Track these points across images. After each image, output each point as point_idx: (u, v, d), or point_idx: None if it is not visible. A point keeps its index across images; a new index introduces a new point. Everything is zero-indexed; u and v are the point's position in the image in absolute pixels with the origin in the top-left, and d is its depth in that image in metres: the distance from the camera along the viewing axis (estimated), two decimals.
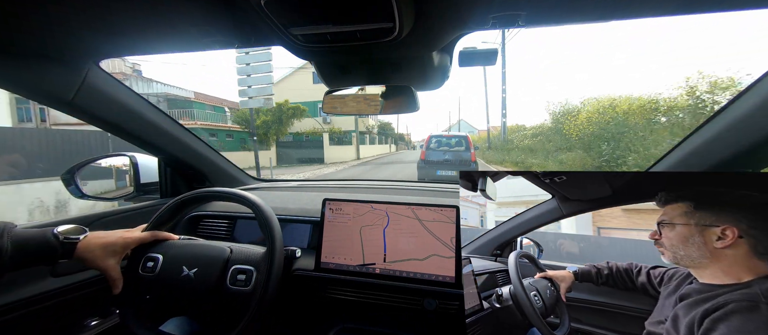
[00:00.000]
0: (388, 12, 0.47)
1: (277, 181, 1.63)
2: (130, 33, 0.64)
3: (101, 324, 0.91)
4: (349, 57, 0.69)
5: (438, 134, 7.98)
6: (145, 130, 1.02)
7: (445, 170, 7.07)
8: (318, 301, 0.94)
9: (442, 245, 0.83)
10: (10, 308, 0.76)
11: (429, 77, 0.80)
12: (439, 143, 7.61)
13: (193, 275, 0.75)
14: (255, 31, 0.61)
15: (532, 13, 0.54)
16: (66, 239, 0.68)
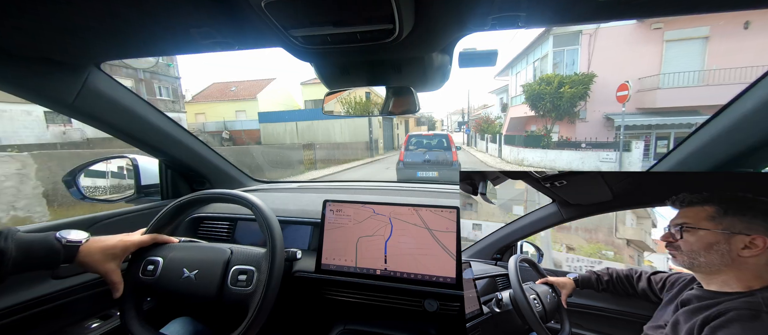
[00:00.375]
0: (388, 13, 0.47)
1: (277, 182, 1.63)
2: (130, 35, 0.64)
3: (102, 327, 0.92)
4: (349, 58, 0.69)
5: (417, 134, 7.76)
6: (145, 132, 1.03)
7: (425, 171, 6.88)
8: (319, 302, 0.94)
9: (442, 245, 0.83)
10: (11, 310, 0.76)
11: (429, 78, 0.80)
12: (418, 143, 7.37)
13: (194, 277, 0.75)
14: (255, 32, 0.61)
15: (531, 14, 0.53)
16: (68, 244, 0.68)
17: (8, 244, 0.61)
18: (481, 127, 22.76)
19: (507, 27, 0.57)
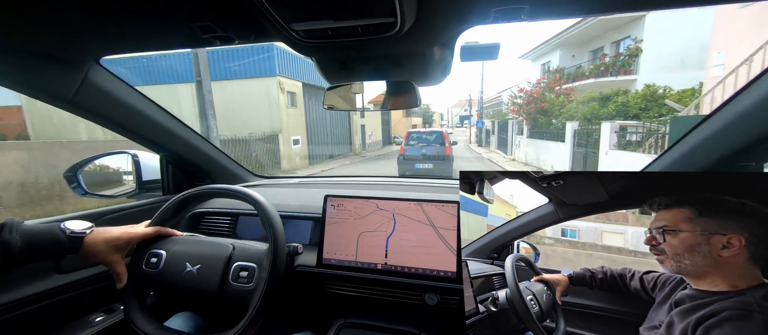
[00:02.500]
0: (389, 7, 0.47)
1: (278, 177, 1.64)
2: (130, 30, 0.64)
3: (106, 320, 0.93)
4: (350, 52, 0.69)
5: (416, 131, 8.66)
6: (146, 127, 1.03)
7: (422, 163, 7.81)
8: (320, 296, 0.95)
9: (443, 240, 0.84)
10: (16, 305, 0.78)
11: (430, 72, 0.80)
12: (418, 139, 8.27)
13: (196, 271, 0.76)
14: (256, 26, 0.61)
15: (534, 7, 0.53)
16: (73, 234, 0.69)
17: (13, 235, 0.61)
18: (529, 113, 11.48)
19: (509, 20, 0.56)
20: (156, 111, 1.03)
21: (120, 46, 0.76)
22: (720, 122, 0.68)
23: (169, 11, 0.56)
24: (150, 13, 0.57)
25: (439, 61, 0.74)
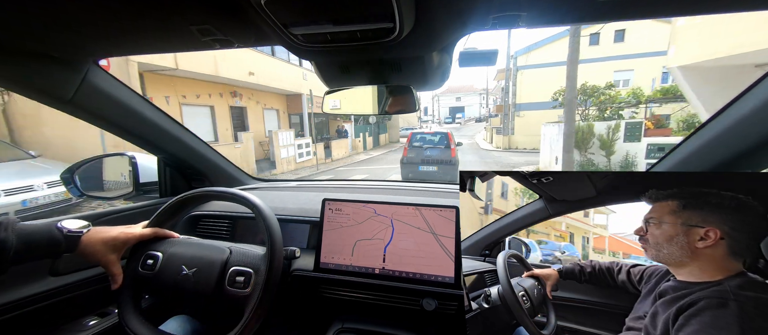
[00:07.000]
0: (388, 12, 0.48)
1: (276, 181, 1.64)
2: (129, 32, 0.65)
3: (99, 324, 0.91)
4: (349, 57, 0.70)
5: (420, 131, 8.21)
6: (144, 129, 1.03)
7: (426, 166, 7.40)
8: (317, 301, 0.94)
9: (441, 245, 0.84)
10: (9, 307, 0.77)
11: (429, 77, 0.81)
12: (422, 140, 7.84)
13: (192, 275, 0.75)
14: (255, 30, 0.61)
15: (533, 14, 0.54)
16: (70, 234, 0.69)
17: (9, 234, 0.61)
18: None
19: (508, 26, 0.57)
20: (154, 113, 1.04)
21: (119, 47, 0.77)
22: (720, 127, 0.69)
23: (169, 14, 0.56)
24: (150, 16, 0.57)
25: (437, 66, 0.75)
